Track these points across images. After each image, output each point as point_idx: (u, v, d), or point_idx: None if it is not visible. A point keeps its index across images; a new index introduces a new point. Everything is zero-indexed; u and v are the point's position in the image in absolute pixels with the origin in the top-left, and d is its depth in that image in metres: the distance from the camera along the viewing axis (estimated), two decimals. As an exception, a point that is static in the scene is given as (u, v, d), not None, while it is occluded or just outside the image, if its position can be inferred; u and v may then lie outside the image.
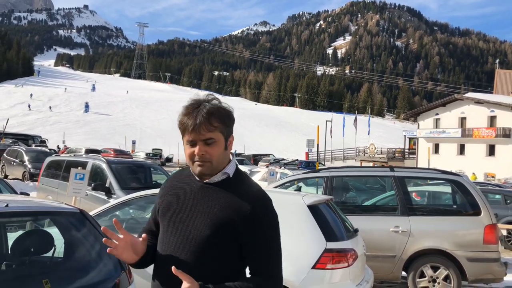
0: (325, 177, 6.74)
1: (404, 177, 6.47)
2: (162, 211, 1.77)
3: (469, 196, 6.08)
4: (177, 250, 1.67)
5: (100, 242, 2.87)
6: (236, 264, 1.69)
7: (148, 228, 1.89)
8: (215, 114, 1.69)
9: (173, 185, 1.82)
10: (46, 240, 2.69)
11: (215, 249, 1.65)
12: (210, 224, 1.65)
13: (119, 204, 5.13)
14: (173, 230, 1.71)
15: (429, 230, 6.02)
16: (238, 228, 1.65)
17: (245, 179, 1.77)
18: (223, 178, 1.73)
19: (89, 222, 2.86)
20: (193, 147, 1.69)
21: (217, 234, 1.65)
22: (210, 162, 1.69)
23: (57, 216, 2.88)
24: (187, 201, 1.72)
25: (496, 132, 39.39)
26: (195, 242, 1.65)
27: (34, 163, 19.78)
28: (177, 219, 1.71)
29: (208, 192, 1.71)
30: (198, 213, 1.68)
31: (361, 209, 6.97)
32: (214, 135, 1.68)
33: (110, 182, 9.27)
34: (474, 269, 5.82)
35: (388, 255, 6.05)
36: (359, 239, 4.78)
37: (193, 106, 1.71)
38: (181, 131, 1.73)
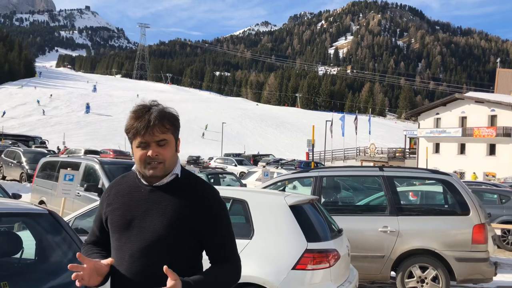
0: (314, 177, 6.70)
1: (393, 176, 6.43)
2: (113, 220, 1.78)
3: (458, 196, 6.03)
4: (135, 255, 1.70)
5: (70, 244, 2.84)
6: (194, 257, 1.79)
7: (94, 239, 1.89)
8: (167, 117, 1.74)
9: (119, 192, 1.81)
10: (14, 242, 2.66)
11: (175, 247, 1.71)
12: (167, 224, 1.70)
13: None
14: (128, 237, 1.73)
15: (418, 230, 5.98)
16: (195, 223, 1.73)
17: (192, 177, 1.84)
18: (171, 178, 1.78)
19: (59, 223, 2.83)
20: (145, 149, 1.72)
21: (175, 233, 1.70)
22: (163, 164, 1.73)
23: (26, 217, 2.86)
24: (139, 207, 1.74)
25: (496, 132, 39.24)
26: (155, 244, 1.70)
27: (31, 164, 19.76)
28: (131, 225, 1.73)
29: (158, 194, 1.75)
30: (153, 217, 1.72)
31: (350, 209, 6.93)
32: (167, 137, 1.73)
33: (103, 183, 9.27)
34: (462, 269, 5.77)
35: (376, 255, 6.01)
36: (343, 239, 4.75)
37: (143, 110, 1.73)
38: (130, 135, 1.75)
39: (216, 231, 1.77)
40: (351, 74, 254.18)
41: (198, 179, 1.85)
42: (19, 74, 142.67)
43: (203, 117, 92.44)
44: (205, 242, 1.77)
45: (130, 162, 12.14)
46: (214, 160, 36.12)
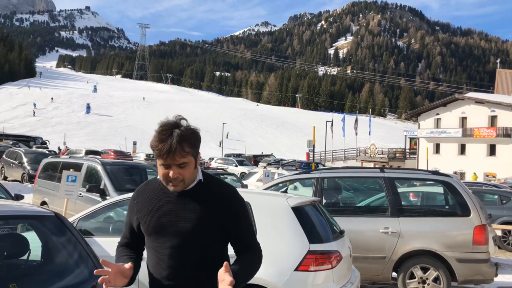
0: (316, 178, 6.73)
1: (394, 178, 6.46)
2: (147, 224, 1.97)
3: (459, 197, 6.06)
4: (174, 253, 1.92)
5: (75, 246, 2.87)
6: (222, 248, 2.03)
7: (126, 241, 2.14)
8: (187, 140, 1.89)
9: (148, 198, 2.01)
10: (20, 244, 2.69)
11: (206, 243, 1.95)
12: (198, 224, 1.92)
13: (108, 205, 5.14)
14: (164, 238, 1.94)
15: (419, 231, 6.01)
16: (221, 220, 1.95)
17: (213, 179, 2.05)
18: (195, 183, 1.99)
19: (65, 225, 2.86)
20: (167, 169, 1.90)
21: (206, 231, 1.93)
22: (183, 181, 1.93)
23: (32, 220, 2.89)
24: (170, 211, 1.94)
25: (496, 132, 39.27)
26: (190, 244, 1.92)
27: (33, 164, 19.78)
28: (166, 228, 1.93)
29: (186, 198, 1.96)
30: (184, 218, 1.93)
31: (352, 210, 6.96)
32: (186, 160, 1.90)
33: (105, 184, 9.29)
34: (463, 270, 5.80)
35: (378, 256, 6.04)
36: (345, 240, 4.77)
37: (166, 133, 1.88)
38: (155, 154, 1.92)
39: (239, 225, 1.99)
40: (351, 74, 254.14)
41: (218, 180, 2.06)
42: (19, 74, 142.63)
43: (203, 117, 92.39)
44: (230, 235, 2.00)
45: (131, 163, 12.17)
46: (215, 160, 36.07)
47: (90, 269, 2.83)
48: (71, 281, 2.74)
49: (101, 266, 2.87)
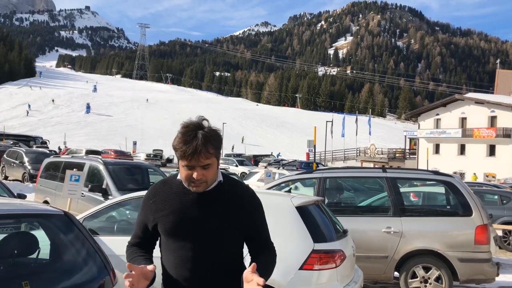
0: (318, 178, 6.76)
1: (396, 178, 6.49)
2: (167, 225, 1.95)
3: (461, 197, 6.09)
4: (197, 254, 1.93)
5: (84, 245, 2.90)
6: (240, 248, 2.06)
7: (138, 241, 2.09)
8: (210, 141, 1.88)
9: (167, 198, 1.99)
10: (30, 242, 2.72)
11: (227, 243, 1.97)
12: (220, 224, 1.94)
13: (112, 205, 5.17)
14: (185, 238, 1.94)
15: (421, 231, 6.04)
16: (242, 220, 1.97)
17: (231, 179, 2.08)
18: (216, 184, 1.99)
19: (74, 224, 2.89)
20: (190, 171, 1.89)
21: (226, 231, 1.95)
22: (206, 183, 1.93)
23: (42, 218, 2.92)
24: (191, 211, 1.94)
25: (496, 132, 39.32)
26: (213, 244, 1.93)
27: (34, 164, 19.82)
28: (187, 228, 1.93)
29: (207, 198, 1.96)
30: (206, 219, 1.93)
31: (354, 210, 6.98)
32: (210, 161, 1.90)
33: (107, 183, 9.30)
34: (465, 270, 5.83)
35: (380, 255, 6.07)
36: (349, 239, 4.81)
37: (190, 135, 1.87)
38: (177, 155, 1.91)
39: (257, 226, 2.02)
40: (351, 74, 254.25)
41: (237, 181, 2.09)
42: (19, 74, 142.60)
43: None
44: (248, 235, 2.01)
45: (133, 162, 12.22)
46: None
47: (98, 267, 2.86)
48: (80, 279, 2.77)
49: (110, 265, 2.92)
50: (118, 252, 4.31)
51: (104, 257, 2.90)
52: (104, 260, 2.88)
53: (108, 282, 2.82)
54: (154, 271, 1.90)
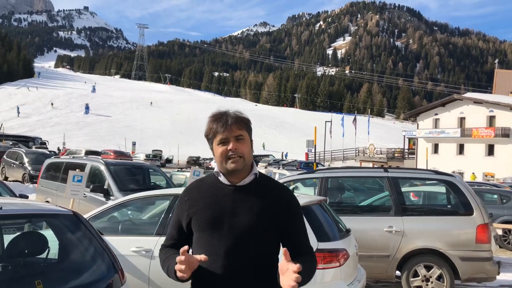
0: (320, 178, 6.80)
1: (397, 177, 6.53)
2: (201, 220, 1.90)
3: (462, 196, 6.14)
4: (230, 251, 1.85)
5: (93, 244, 2.93)
6: (276, 249, 1.95)
7: (173, 242, 2.02)
8: (241, 118, 1.95)
9: (202, 194, 1.95)
10: (40, 242, 2.75)
11: (264, 242, 1.89)
12: (256, 220, 1.86)
13: (115, 206, 5.20)
14: (219, 234, 1.87)
15: (422, 230, 6.08)
16: (280, 218, 1.90)
17: (267, 177, 2.04)
18: (252, 178, 1.94)
19: (83, 224, 2.92)
20: (225, 145, 1.89)
21: (264, 228, 1.87)
22: (243, 158, 1.89)
23: (51, 218, 2.95)
24: (226, 206, 1.89)
25: (495, 132, 39.41)
26: (247, 240, 1.85)
27: (34, 165, 19.82)
28: (221, 224, 1.87)
29: (243, 193, 1.91)
30: (241, 214, 1.87)
31: (356, 209, 7.03)
32: (243, 133, 1.92)
33: (109, 184, 9.32)
34: (466, 268, 5.88)
35: (382, 254, 6.11)
36: (352, 239, 4.85)
37: (220, 113, 1.95)
38: (210, 137, 1.95)
39: (296, 226, 1.94)
40: (350, 74, 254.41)
41: (273, 179, 2.05)
42: (18, 74, 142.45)
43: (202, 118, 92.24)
44: (287, 236, 1.92)
45: (134, 163, 12.23)
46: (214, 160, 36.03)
47: (107, 266, 2.89)
48: (89, 278, 2.80)
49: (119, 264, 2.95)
50: (123, 252, 4.35)
51: (112, 257, 2.93)
52: (112, 259, 2.92)
53: (117, 281, 2.85)
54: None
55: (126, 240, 4.56)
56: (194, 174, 9.37)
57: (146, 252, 4.37)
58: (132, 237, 4.73)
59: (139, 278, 4.31)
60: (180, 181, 13.30)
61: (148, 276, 4.32)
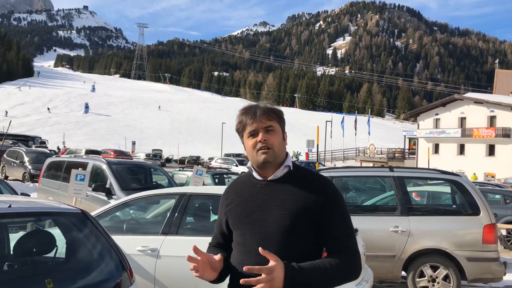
0: (325, 178, 6.75)
1: (403, 177, 6.49)
2: (233, 217, 1.86)
3: (469, 196, 6.10)
4: (261, 245, 1.71)
5: (101, 243, 2.89)
6: (313, 248, 1.80)
7: (217, 241, 1.99)
8: (272, 109, 1.88)
9: (236, 191, 1.91)
10: (48, 241, 2.71)
11: (296, 238, 1.74)
12: (288, 215, 1.74)
13: (120, 204, 5.16)
14: (251, 230, 1.79)
15: (429, 230, 6.04)
16: (315, 214, 1.75)
17: (303, 168, 1.92)
18: (285, 171, 1.84)
19: (91, 222, 2.88)
20: (254, 138, 1.83)
21: (296, 223, 1.74)
22: (273, 149, 1.81)
23: (59, 216, 2.90)
24: (257, 201, 1.81)
25: (496, 132, 39.39)
26: (277, 235, 1.74)
27: (34, 164, 19.79)
28: (252, 219, 1.79)
29: (275, 187, 1.82)
30: (273, 209, 1.77)
31: (361, 209, 6.99)
32: (273, 124, 1.84)
33: (111, 183, 9.28)
34: (473, 269, 5.84)
35: (388, 255, 6.07)
36: (359, 239, 4.80)
37: (249, 106, 1.90)
38: (240, 130, 1.89)
39: (332, 220, 1.77)
40: (349, 74, 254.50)
41: (309, 170, 1.92)
42: (17, 74, 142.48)
43: (202, 117, 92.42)
44: (323, 231, 1.78)
45: (136, 162, 12.18)
46: (215, 160, 36.01)
47: (116, 265, 2.85)
48: (98, 277, 2.76)
49: (128, 263, 2.91)
50: (129, 251, 4.30)
51: (121, 256, 2.89)
52: (121, 259, 2.88)
53: (125, 281, 2.81)
54: (223, 264, 1.81)
55: (132, 239, 4.51)
56: (196, 173, 9.32)
57: (152, 252, 4.32)
58: (138, 236, 4.68)
59: (145, 278, 4.27)
60: (181, 180, 13.23)
61: (154, 276, 4.27)
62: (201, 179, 9.50)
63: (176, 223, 4.41)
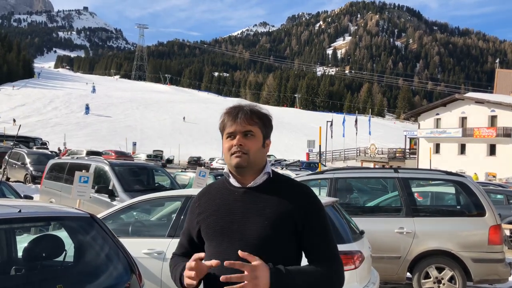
0: (329, 179, 6.74)
1: (408, 178, 6.47)
2: (209, 227, 1.74)
3: (474, 197, 6.08)
4: (240, 260, 1.61)
5: (110, 246, 2.88)
6: (294, 257, 1.73)
7: (183, 251, 1.87)
8: (256, 113, 1.78)
9: (210, 198, 1.80)
10: (57, 245, 2.70)
11: (277, 247, 1.67)
12: (268, 225, 1.67)
13: (125, 207, 5.15)
14: (229, 241, 1.69)
15: (434, 231, 6.02)
16: (296, 221, 1.68)
17: (283, 176, 1.83)
18: (264, 178, 1.76)
19: (99, 226, 2.87)
20: (232, 140, 1.75)
21: (277, 233, 1.66)
22: (247, 155, 1.72)
23: (69, 221, 2.90)
24: (235, 210, 1.72)
25: (496, 132, 39.40)
26: (258, 246, 1.65)
27: (35, 165, 19.78)
28: (230, 229, 1.70)
29: (253, 195, 1.73)
30: (252, 218, 1.69)
31: (366, 210, 6.98)
32: (253, 129, 1.75)
33: (113, 185, 9.27)
34: (479, 270, 5.82)
35: (393, 256, 6.06)
36: (365, 241, 4.79)
37: (235, 107, 1.80)
38: (221, 129, 1.80)
39: (314, 229, 1.70)
40: (350, 74, 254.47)
41: (289, 178, 1.84)
42: (18, 75, 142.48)
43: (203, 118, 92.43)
44: (304, 240, 1.71)
45: (139, 163, 12.18)
46: (216, 161, 35.98)
47: (125, 269, 2.84)
48: (107, 281, 2.75)
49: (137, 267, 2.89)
50: (135, 254, 4.28)
51: (130, 260, 2.88)
52: (130, 262, 2.87)
53: (134, 284, 2.80)
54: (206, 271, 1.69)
55: (137, 242, 4.50)
56: (200, 175, 9.30)
57: (158, 254, 4.31)
58: (143, 239, 4.67)
59: (152, 281, 4.26)
60: (184, 182, 13.23)
61: (160, 279, 4.26)
62: (205, 181, 9.49)
63: (182, 226, 4.40)
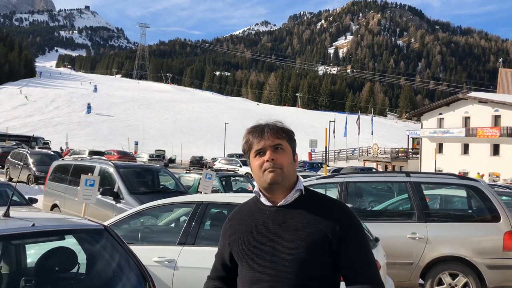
0: (340, 183, 6.64)
1: (420, 182, 6.36)
2: (239, 248, 1.69)
3: (488, 202, 5.97)
4: (274, 282, 1.59)
5: (123, 257, 2.79)
6: (332, 278, 1.65)
7: (217, 275, 1.81)
8: (280, 128, 1.75)
9: (241, 219, 1.75)
10: (70, 258, 2.62)
11: (313, 269, 1.60)
12: (302, 245, 1.59)
13: (135, 213, 5.05)
14: (261, 264, 1.62)
15: (447, 237, 5.91)
16: (331, 241, 1.61)
17: (317, 193, 1.76)
18: (296, 196, 1.69)
19: (112, 237, 2.78)
20: (262, 157, 1.68)
21: (311, 253, 1.59)
22: (281, 169, 1.66)
23: (83, 233, 2.81)
24: (267, 231, 1.65)
25: (500, 132, 39.22)
26: (291, 267, 1.59)
27: (38, 166, 19.71)
28: (262, 250, 1.63)
29: (286, 214, 1.66)
30: (285, 238, 1.62)
31: (377, 215, 6.87)
32: (282, 142, 1.70)
33: (118, 187, 9.18)
34: (494, 277, 5.71)
35: (405, 262, 5.96)
36: (380, 248, 4.68)
37: (257, 125, 1.77)
38: (246, 150, 1.75)
39: (351, 248, 1.63)
40: (351, 73, 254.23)
41: (323, 195, 1.78)
42: (19, 74, 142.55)
43: (204, 117, 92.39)
44: (340, 260, 1.63)
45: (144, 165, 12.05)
46: (219, 161, 35.86)
47: (138, 281, 2.76)
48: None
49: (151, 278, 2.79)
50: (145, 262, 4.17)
51: (143, 269, 2.79)
52: (143, 272, 2.78)
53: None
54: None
55: (148, 250, 4.39)
56: (206, 177, 9.20)
57: (169, 263, 4.20)
58: (153, 246, 4.57)
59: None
60: (188, 183, 13.12)
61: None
62: (211, 183, 9.39)
63: (193, 233, 4.29)
